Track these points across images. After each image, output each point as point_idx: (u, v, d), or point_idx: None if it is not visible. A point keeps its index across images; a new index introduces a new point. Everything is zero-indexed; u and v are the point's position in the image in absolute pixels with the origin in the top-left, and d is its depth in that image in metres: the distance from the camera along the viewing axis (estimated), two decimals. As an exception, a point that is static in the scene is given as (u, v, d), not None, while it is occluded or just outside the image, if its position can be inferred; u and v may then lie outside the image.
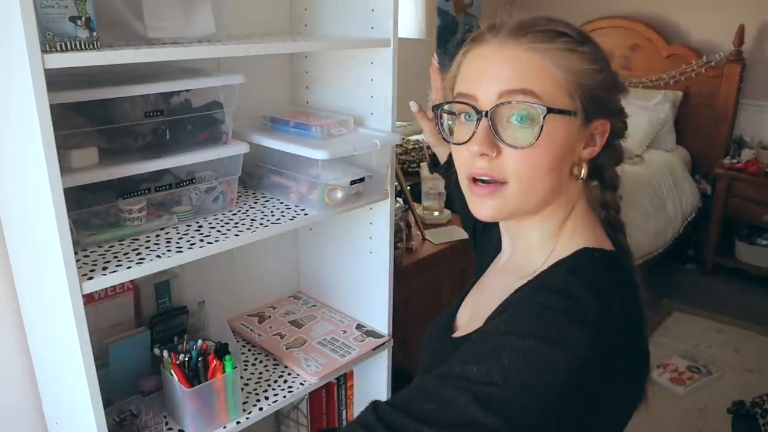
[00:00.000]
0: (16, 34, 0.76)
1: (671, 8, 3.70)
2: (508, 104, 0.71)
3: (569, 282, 0.69)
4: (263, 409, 1.24)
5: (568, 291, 0.67)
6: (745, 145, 3.55)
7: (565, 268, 0.73)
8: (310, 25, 1.43)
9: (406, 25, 3.30)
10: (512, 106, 0.71)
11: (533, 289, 0.72)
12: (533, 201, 0.76)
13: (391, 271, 1.43)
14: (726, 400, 2.36)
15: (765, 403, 2.19)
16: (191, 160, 1.10)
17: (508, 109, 0.71)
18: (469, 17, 3.93)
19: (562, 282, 0.70)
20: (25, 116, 0.82)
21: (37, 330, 1.14)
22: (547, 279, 0.73)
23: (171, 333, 1.26)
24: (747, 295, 3.42)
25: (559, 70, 0.71)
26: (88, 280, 0.91)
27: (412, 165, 2.74)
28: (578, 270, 0.71)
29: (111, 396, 1.13)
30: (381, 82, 1.30)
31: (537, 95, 0.70)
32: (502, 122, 0.72)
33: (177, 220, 1.13)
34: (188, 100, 1.13)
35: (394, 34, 1.25)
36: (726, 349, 2.88)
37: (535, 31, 0.72)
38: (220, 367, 1.13)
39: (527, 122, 0.71)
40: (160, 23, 0.99)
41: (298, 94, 1.52)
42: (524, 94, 0.70)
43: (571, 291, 0.67)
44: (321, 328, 1.51)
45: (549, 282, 0.72)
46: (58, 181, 0.84)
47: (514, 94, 0.71)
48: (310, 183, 1.24)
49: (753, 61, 3.53)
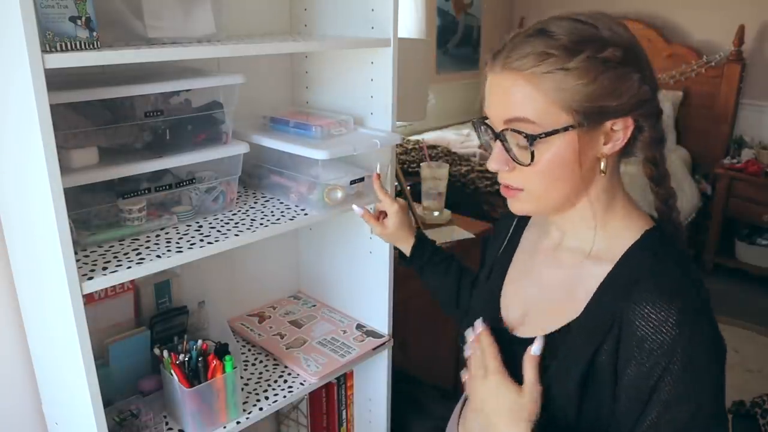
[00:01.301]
0: (17, 34, 0.76)
1: (671, 8, 3.70)
2: (508, 131, 0.79)
3: (667, 277, 0.77)
4: (263, 409, 1.24)
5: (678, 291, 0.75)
6: (745, 145, 3.55)
7: (647, 254, 0.80)
8: (310, 25, 1.43)
9: (406, 25, 3.30)
10: (510, 134, 0.79)
11: (642, 293, 0.76)
12: (552, 202, 0.83)
13: (391, 271, 1.43)
14: (726, 400, 2.36)
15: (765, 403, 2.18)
16: (191, 160, 1.10)
17: (509, 135, 0.79)
18: (469, 17, 3.94)
19: (663, 278, 0.77)
20: (26, 116, 0.82)
21: (37, 330, 1.14)
22: (640, 269, 0.79)
23: (171, 333, 1.26)
24: (747, 295, 3.42)
25: (550, 92, 0.75)
26: (88, 280, 0.91)
27: (412, 165, 2.74)
28: (659, 253, 0.79)
29: (111, 396, 1.14)
30: (381, 82, 1.30)
31: (532, 120, 0.76)
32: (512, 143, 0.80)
33: (177, 220, 1.13)
34: (188, 100, 1.13)
35: (394, 34, 1.24)
36: (726, 349, 2.88)
37: (524, 56, 0.76)
38: (220, 367, 1.13)
39: (524, 146, 0.78)
40: (160, 23, 0.99)
41: (298, 94, 1.52)
42: (519, 121, 0.77)
43: (680, 289, 0.76)
44: (321, 328, 1.52)
45: (644, 272, 0.78)
46: (58, 181, 0.84)
47: (511, 122, 0.78)
48: (310, 183, 1.24)
49: (753, 61, 3.53)
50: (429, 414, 1.59)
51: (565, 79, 0.74)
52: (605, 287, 0.80)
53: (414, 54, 1.94)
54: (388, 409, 1.55)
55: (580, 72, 0.74)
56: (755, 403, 2.20)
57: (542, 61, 0.74)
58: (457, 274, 1.20)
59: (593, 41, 0.75)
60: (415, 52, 1.99)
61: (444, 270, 1.20)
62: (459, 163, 2.93)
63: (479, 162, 2.97)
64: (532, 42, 0.76)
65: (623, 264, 0.80)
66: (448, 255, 1.22)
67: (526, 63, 0.75)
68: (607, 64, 0.74)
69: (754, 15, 3.45)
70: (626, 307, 0.76)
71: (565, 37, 0.75)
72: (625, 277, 0.79)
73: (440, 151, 3.04)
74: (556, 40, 0.75)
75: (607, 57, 0.74)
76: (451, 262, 1.21)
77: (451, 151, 3.08)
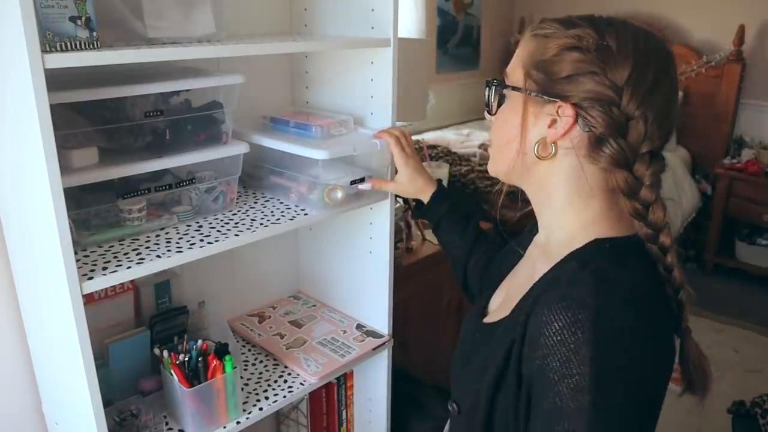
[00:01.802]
0: (16, 34, 0.76)
1: (671, 8, 3.70)
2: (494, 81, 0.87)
3: (577, 286, 0.72)
4: (263, 409, 1.24)
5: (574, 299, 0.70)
6: (745, 145, 3.55)
7: (577, 261, 0.77)
8: (310, 25, 1.43)
9: (406, 25, 3.30)
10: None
11: (549, 296, 0.73)
12: (503, 166, 0.86)
13: (391, 271, 1.43)
14: (726, 400, 2.36)
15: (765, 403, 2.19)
16: (191, 160, 1.10)
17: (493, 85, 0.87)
18: (469, 17, 3.93)
19: (573, 287, 0.72)
20: (26, 116, 0.82)
21: (37, 330, 1.14)
22: (562, 275, 0.76)
23: (171, 333, 1.26)
24: (747, 295, 3.42)
25: (525, 53, 0.81)
26: (88, 280, 0.91)
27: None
28: (589, 263, 0.75)
29: (111, 396, 1.14)
30: (381, 82, 1.30)
31: (506, 74, 0.84)
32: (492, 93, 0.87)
33: (177, 220, 1.13)
34: (188, 100, 1.13)
35: (394, 34, 1.24)
36: (726, 349, 2.88)
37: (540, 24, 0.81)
38: (220, 367, 1.13)
39: (495, 95, 0.86)
40: (160, 23, 0.99)
41: (298, 94, 1.52)
42: (503, 75, 0.86)
43: (585, 302, 0.70)
44: (321, 328, 1.51)
45: (563, 279, 0.75)
46: (58, 181, 0.83)
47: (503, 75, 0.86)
48: (310, 183, 1.24)
49: (753, 61, 3.53)
50: (429, 414, 1.59)
51: (539, 43, 0.79)
52: (533, 287, 0.80)
53: (414, 54, 1.94)
54: (388, 409, 1.55)
55: (554, 42, 0.77)
56: (755, 403, 2.20)
57: (543, 28, 0.80)
58: (473, 234, 1.19)
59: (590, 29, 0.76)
60: (415, 52, 1.99)
61: (462, 228, 1.20)
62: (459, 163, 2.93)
63: (479, 162, 2.97)
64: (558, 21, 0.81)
65: (557, 267, 0.79)
66: (468, 212, 1.22)
67: (534, 28, 0.82)
68: (578, 48, 0.76)
69: (754, 15, 3.45)
70: (532, 309, 0.74)
71: (579, 22, 0.78)
72: (549, 280, 0.78)
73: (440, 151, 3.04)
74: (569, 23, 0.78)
75: (585, 45, 0.75)
76: (469, 221, 1.21)
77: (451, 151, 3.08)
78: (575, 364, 0.67)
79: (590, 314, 0.68)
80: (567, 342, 0.68)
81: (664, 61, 0.78)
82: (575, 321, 0.68)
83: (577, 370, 0.67)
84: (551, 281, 0.76)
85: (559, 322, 0.69)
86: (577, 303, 0.69)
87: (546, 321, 0.70)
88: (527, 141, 0.81)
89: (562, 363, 0.68)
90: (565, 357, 0.68)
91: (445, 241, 1.23)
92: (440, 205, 1.21)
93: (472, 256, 1.18)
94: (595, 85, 0.75)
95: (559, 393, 0.68)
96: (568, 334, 0.68)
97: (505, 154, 0.84)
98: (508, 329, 0.79)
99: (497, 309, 0.91)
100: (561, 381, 0.68)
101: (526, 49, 0.81)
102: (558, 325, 0.69)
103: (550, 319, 0.70)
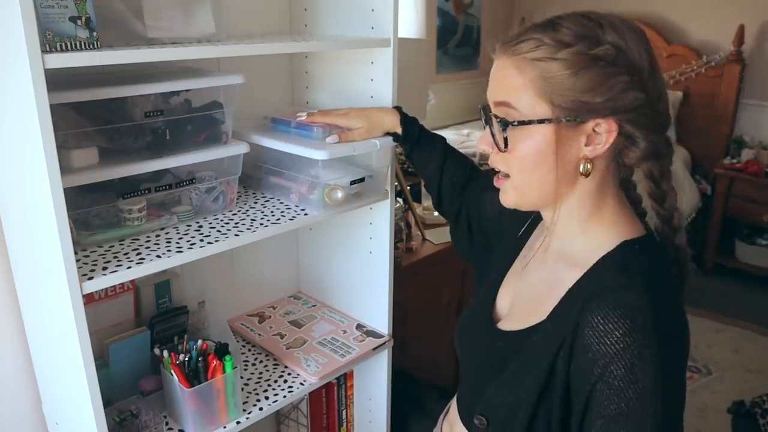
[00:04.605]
0: (16, 34, 0.76)
1: (671, 8, 3.70)
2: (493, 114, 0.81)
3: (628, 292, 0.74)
4: (263, 409, 1.24)
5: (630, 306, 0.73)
6: (745, 145, 3.55)
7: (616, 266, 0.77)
8: (310, 25, 1.43)
9: (406, 25, 3.30)
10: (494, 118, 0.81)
11: (599, 305, 0.74)
12: (533, 197, 0.83)
13: (391, 271, 1.43)
14: (726, 400, 2.37)
15: (765, 403, 2.19)
16: (191, 160, 1.10)
17: (494, 118, 0.81)
18: (469, 17, 3.93)
19: (623, 291, 0.74)
20: (26, 116, 0.82)
21: (37, 330, 1.14)
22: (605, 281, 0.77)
23: (171, 333, 1.26)
24: (747, 295, 3.42)
25: (535, 80, 0.76)
26: (88, 280, 0.91)
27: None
28: (629, 266, 0.76)
29: (111, 396, 1.14)
30: (381, 82, 1.30)
31: (514, 107, 0.78)
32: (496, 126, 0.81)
33: (177, 220, 1.13)
34: (188, 100, 1.13)
35: (394, 34, 1.24)
36: (726, 349, 2.88)
37: (521, 42, 0.77)
38: (220, 367, 1.13)
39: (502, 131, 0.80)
40: (160, 23, 0.99)
41: (298, 94, 1.52)
42: (503, 106, 0.79)
43: (637, 307, 0.72)
44: (321, 328, 1.51)
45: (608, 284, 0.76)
46: (58, 181, 0.83)
47: (498, 106, 0.80)
48: (310, 183, 1.24)
49: (753, 61, 3.53)
50: (429, 414, 1.59)
51: (550, 68, 0.75)
52: (571, 294, 0.79)
53: (414, 54, 1.94)
54: (388, 409, 1.55)
55: (566, 63, 0.74)
56: (755, 403, 2.21)
57: (535, 48, 0.75)
58: (442, 152, 1.21)
59: (589, 38, 0.75)
60: (415, 52, 1.99)
61: (431, 147, 1.22)
62: (459, 163, 2.93)
63: (479, 162, 2.97)
64: (536, 31, 0.77)
65: (592, 273, 0.79)
66: (435, 136, 1.24)
67: (520, 48, 0.77)
68: (595, 61, 0.74)
69: (754, 15, 3.45)
70: (582, 317, 0.74)
71: (567, 30, 0.75)
72: (590, 287, 0.78)
73: (440, 151, 3.04)
74: (557, 33, 0.75)
75: (596, 54, 0.74)
76: (437, 140, 1.23)
77: (451, 151, 3.08)
78: (639, 368, 0.70)
79: (647, 318, 0.71)
80: (630, 348, 0.70)
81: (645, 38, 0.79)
82: (635, 328, 0.71)
83: (642, 374, 0.70)
84: (595, 289, 0.76)
85: (620, 330, 0.71)
86: (633, 309, 0.72)
87: (605, 330, 0.72)
88: (564, 166, 0.79)
89: (628, 369, 0.70)
90: (629, 363, 0.70)
91: (419, 163, 1.25)
92: (413, 125, 1.23)
93: (444, 174, 1.20)
94: (627, 91, 0.74)
95: (627, 398, 0.71)
96: (630, 340, 0.70)
97: (540, 187, 0.81)
98: (550, 340, 0.78)
99: (512, 314, 0.90)
100: (628, 387, 0.71)
101: (529, 76, 0.76)
102: (619, 333, 0.71)
103: (609, 329, 0.71)
